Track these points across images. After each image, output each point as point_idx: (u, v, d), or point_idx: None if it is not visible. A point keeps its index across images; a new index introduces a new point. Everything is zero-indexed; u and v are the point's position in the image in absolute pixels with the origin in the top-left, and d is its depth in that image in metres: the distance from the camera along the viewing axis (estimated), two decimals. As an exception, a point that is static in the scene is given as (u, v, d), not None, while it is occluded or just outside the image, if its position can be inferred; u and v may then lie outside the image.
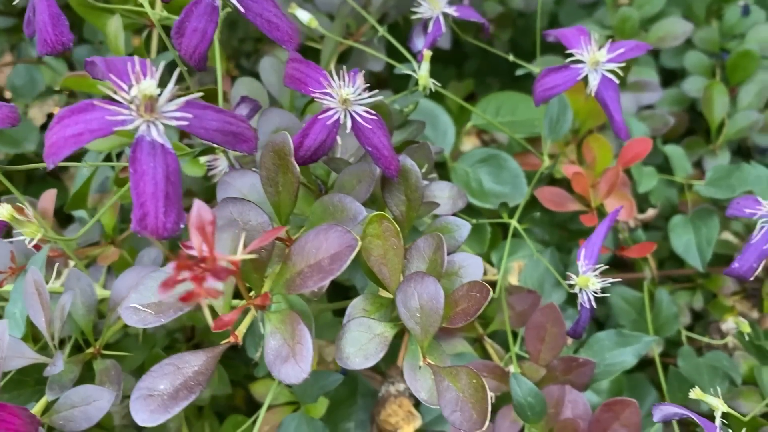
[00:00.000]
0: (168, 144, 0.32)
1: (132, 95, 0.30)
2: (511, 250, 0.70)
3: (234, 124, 0.34)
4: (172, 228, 0.32)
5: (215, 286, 0.26)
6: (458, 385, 0.41)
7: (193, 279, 0.25)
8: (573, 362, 0.58)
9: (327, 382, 0.55)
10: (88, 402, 0.43)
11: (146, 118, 0.31)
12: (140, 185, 0.31)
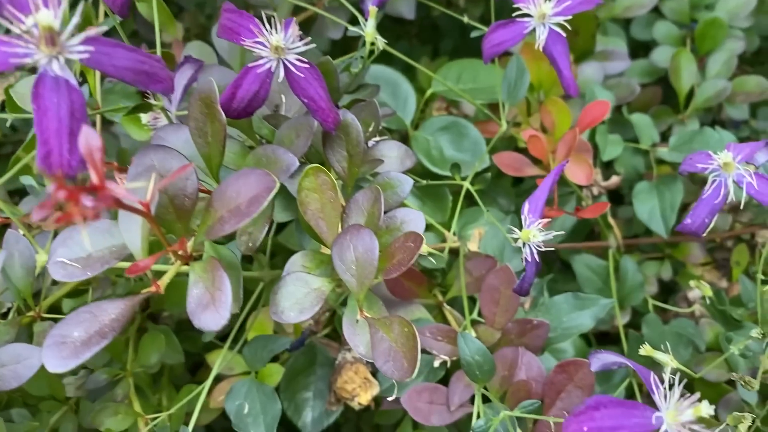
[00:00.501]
0: (72, 80, 0.31)
1: (29, 26, 0.29)
2: (472, 218, 0.69)
3: (147, 63, 0.33)
4: (77, 166, 0.31)
5: (96, 207, 0.25)
6: (391, 335, 0.40)
7: (68, 197, 0.24)
8: (527, 324, 0.57)
9: (276, 345, 0.55)
10: (18, 361, 0.42)
11: (48, 53, 0.30)
12: (43, 122, 0.31)
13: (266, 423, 0.53)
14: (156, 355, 0.54)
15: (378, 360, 0.40)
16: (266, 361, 0.55)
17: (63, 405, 0.61)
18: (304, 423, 0.64)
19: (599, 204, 0.60)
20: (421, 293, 0.63)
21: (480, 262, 0.63)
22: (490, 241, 0.68)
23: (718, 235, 0.80)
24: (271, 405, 0.53)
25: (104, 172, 0.26)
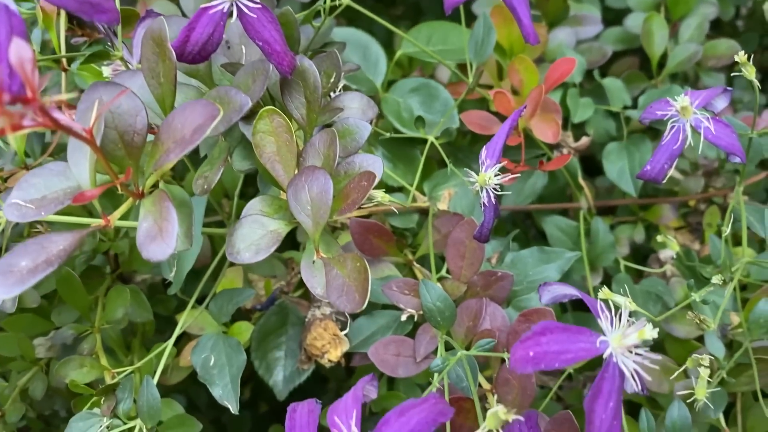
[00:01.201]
0: (12, 5, 0.31)
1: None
2: (442, 180, 0.70)
3: (90, -8, 0.33)
4: (18, 90, 0.31)
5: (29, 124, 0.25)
6: (345, 271, 0.40)
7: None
8: (492, 276, 0.57)
9: (241, 297, 0.55)
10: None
11: (-15, -24, 0.30)
12: (-18, 46, 0.31)
13: (231, 374, 0.53)
14: (122, 309, 0.55)
15: (332, 295, 0.40)
16: (231, 313, 0.55)
17: (33, 366, 0.62)
18: (275, 382, 0.65)
19: (562, 156, 0.61)
20: (390, 251, 0.63)
21: (448, 220, 0.63)
22: (460, 201, 0.68)
23: (691, 197, 0.80)
24: (237, 356, 0.53)
25: (36, 85, 0.26)
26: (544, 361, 0.35)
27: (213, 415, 0.99)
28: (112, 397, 0.52)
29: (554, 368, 0.35)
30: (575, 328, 0.36)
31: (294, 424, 0.43)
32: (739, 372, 0.64)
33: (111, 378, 0.54)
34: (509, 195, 0.73)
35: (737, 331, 0.68)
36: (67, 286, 0.54)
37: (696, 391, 0.55)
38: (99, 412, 0.51)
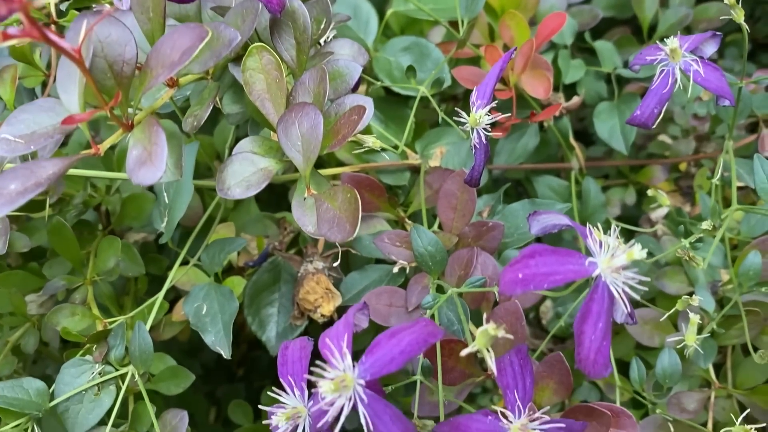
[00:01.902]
0: None
1: None
2: (434, 138, 0.70)
3: None
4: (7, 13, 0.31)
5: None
6: (335, 203, 0.40)
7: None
8: (483, 227, 0.57)
9: (232, 246, 0.55)
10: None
11: None
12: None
13: (224, 321, 0.53)
14: (113, 259, 0.54)
15: (322, 228, 0.40)
16: (222, 262, 0.55)
17: (25, 321, 0.61)
18: (268, 338, 0.65)
19: (553, 106, 0.61)
20: (382, 206, 0.63)
21: (439, 175, 0.63)
22: (452, 159, 0.68)
23: (681, 159, 0.81)
24: (229, 304, 0.54)
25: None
26: (533, 282, 0.35)
27: (207, 390, 0.99)
28: (104, 344, 0.52)
29: (543, 289, 0.35)
30: (564, 250, 0.36)
31: (286, 360, 0.43)
32: (729, 325, 0.64)
33: (102, 327, 0.54)
34: (501, 155, 0.73)
35: (727, 287, 0.69)
36: (59, 236, 0.54)
37: (686, 337, 0.56)
38: (91, 359, 0.51)
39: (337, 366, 0.35)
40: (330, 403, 0.35)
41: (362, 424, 0.36)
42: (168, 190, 0.55)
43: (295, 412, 0.41)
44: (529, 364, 0.41)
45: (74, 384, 0.50)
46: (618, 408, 0.49)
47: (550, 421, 0.39)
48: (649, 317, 0.66)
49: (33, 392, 0.48)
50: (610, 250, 0.36)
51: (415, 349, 0.35)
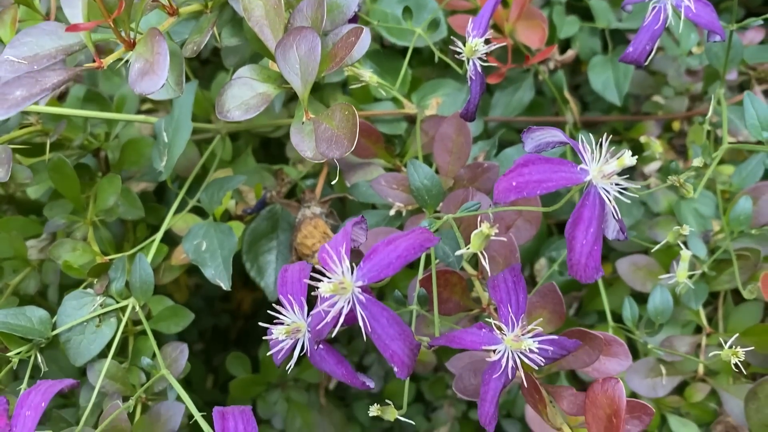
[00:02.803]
0: None
1: None
2: (431, 90, 0.71)
3: None
4: None
5: None
6: (333, 123, 0.41)
7: None
8: (478, 168, 0.58)
9: (230, 184, 0.56)
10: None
11: None
12: None
13: (223, 256, 0.54)
14: (113, 197, 0.55)
15: (321, 146, 0.41)
16: (221, 200, 0.55)
17: (26, 266, 0.62)
18: (266, 284, 0.66)
19: (547, 48, 0.62)
20: (378, 152, 0.64)
21: (435, 122, 0.64)
22: (447, 109, 0.69)
23: (675, 116, 0.82)
24: (228, 240, 0.54)
25: None
26: (526, 189, 0.36)
27: (204, 358, 1.01)
28: (105, 278, 0.52)
29: (535, 195, 0.36)
30: (557, 159, 0.37)
31: (285, 281, 0.44)
32: (720, 270, 0.66)
33: (102, 261, 0.54)
34: (497, 108, 0.74)
35: (719, 237, 0.70)
36: (60, 174, 0.54)
37: (677, 274, 0.57)
38: (92, 291, 0.52)
39: (336, 271, 0.36)
40: (330, 305, 0.36)
41: (361, 326, 0.37)
42: (167, 130, 0.56)
43: (295, 326, 0.42)
44: (522, 282, 0.42)
45: (76, 315, 0.51)
46: (611, 336, 0.50)
47: (543, 336, 0.40)
48: (642, 263, 0.67)
49: (36, 320, 0.49)
50: (601, 158, 0.37)
51: (411, 254, 0.36)
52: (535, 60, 0.62)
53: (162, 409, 0.49)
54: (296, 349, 0.42)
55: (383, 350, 0.37)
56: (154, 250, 0.54)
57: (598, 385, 0.43)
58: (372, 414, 0.43)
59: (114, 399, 0.50)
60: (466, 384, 0.49)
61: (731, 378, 0.68)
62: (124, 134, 0.64)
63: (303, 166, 0.75)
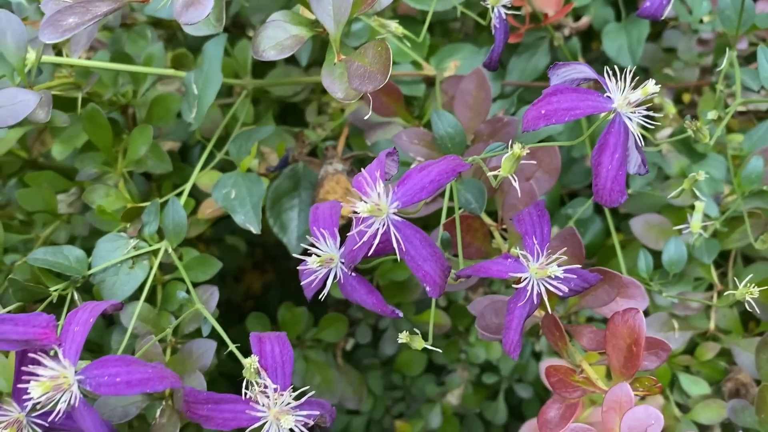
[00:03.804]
0: None
1: None
2: (449, 53, 0.72)
3: None
4: None
5: None
6: (366, 60, 0.43)
7: None
8: (498, 123, 0.60)
9: (258, 134, 0.57)
10: (15, 102, 0.44)
11: None
12: None
13: (252, 202, 0.56)
14: (144, 147, 0.57)
15: (354, 82, 0.43)
16: (249, 149, 0.57)
17: (57, 219, 0.64)
18: (289, 240, 0.67)
19: (564, 8, 0.63)
20: (399, 111, 0.66)
21: (455, 81, 0.66)
22: (465, 72, 0.71)
23: (686, 84, 0.83)
24: (256, 188, 0.56)
25: None
26: (554, 116, 0.38)
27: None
28: (138, 222, 0.54)
29: (563, 122, 0.37)
30: (584, 89, 0.39)
31: (317, 217, 0.46)
32: (732, 228, 0.67)
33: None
34: (513, 72, 0.76)
35: (729, 199, 0.72)
36: (93, 124, 0.56)
37: (691, 225, 0.58)
38: (125, 234, 0.54)
39: (371, 194, 0.38)
40: (366, 226, 0.38)
41: (395, 247, 0.38)
42: (197, 82, 0.57)
43: (328, 257, 0.43)
44: (546, 216, 0.44)
45: (109, 257, 0.52)
46: (628, 278, 0.51)
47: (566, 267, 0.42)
48: (655, 222, 0.69)
49: (73, 259, 0.51)
50: (626, 88, 0.38)
51: (443, 179, 0.38)
52: (553, 19, 0.64)
53: (194, 347, 0.51)
54: (329, 279, 0.44)
55: (416, 271, 0.39)
56: (184, 199, 0.56)
57: (618, 316, 0.45)
58: (401, 341, 0.45)
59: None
60: (488, 322, 0.50)
61: (741, 336, 0.69)
62: (149, 96, 0.66)
63: (322, 129, 0.76)
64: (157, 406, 0.51)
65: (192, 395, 0.39)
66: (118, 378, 0.36)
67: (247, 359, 0.40)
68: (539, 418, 0.47)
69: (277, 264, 1.10)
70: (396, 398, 1.01)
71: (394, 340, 0.86)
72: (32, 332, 0.38)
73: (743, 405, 0.60)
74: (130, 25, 0.72)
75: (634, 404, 0.43)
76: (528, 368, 0.87)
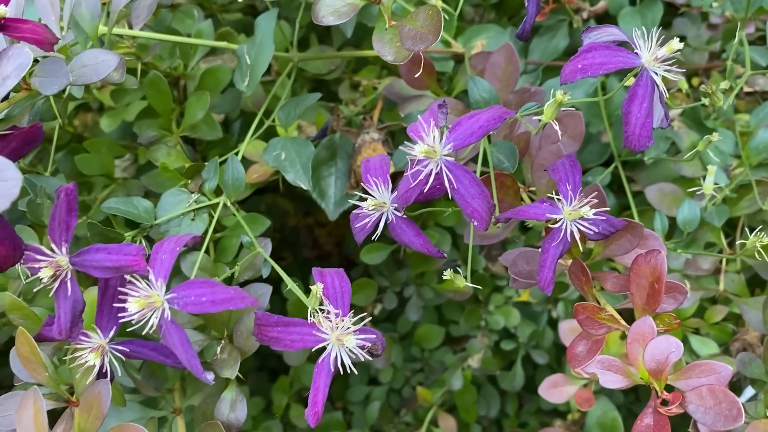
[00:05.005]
0: None
1: None
2: (475, 33, 0.77)
3: None
4: None
5: None
6: (417, 23, 0.48)
7: None
8: (525, 93, 0.65)
9: (306, 101, 0.62)
10: (97, 62, 0.49)
11: None
12: None
13: (302, 162, 0.60)
14: (201, 111, 0.61)
15: (406, 43, 0.47)
16: (297, 117, 0.62)
17: (113, 182, 0.69)
18: (327, 205, 0.72)
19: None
20: (431, 84, 0.70)
21: (483, 57, 0.71)
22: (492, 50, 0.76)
23: (695, 67, 0.88)
24: (304, 150, 0.61)
25: None
26: (590, 70, 0.42)
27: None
28: (198, 178, 0.59)
29: (597, 75, 0.42)
30: (615, 47, 0.43)
31: (369, 168, 0.51)
32: (741, 196, 0.72)
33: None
34: (535, 52, 0.81)
35: (738, 171, 0.77)
36: (155, 89, 0.61)
37: (704, 187, 0.63)
38: (187, 189, 0.58)
39: (426, 138, 0.43)
40: (421, 167, 0.42)
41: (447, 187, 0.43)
42: (249, 53, 0.62)
43: (381, 202, 0.48)
44: (577, 165, 0.48)
45: (172, 210, 0.57)
46: (647, 230, 0.56)
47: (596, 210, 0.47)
48: (668, 190, 0.74)
49: (142, 209, 0.55)
50: (653, 46, 0.43)
51: (492, 124, 0.43)
52: (573, 0, 0.69)
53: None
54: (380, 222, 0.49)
55: (465, 207, 0.44)
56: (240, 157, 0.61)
57: (641, 257, 0.49)
58: (445, 278, 0.50)
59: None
60: (519, 269, 0.55)
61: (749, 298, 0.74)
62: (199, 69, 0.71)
63: (354, 105, 0.81)
64: (215, 345, 0.56)
65: (264, 319, 0.44)
66: (204, 297, 0.41)
67: (313, 286, 0.45)
68: (569, 352, 0.52)
69: (295, 250, 1.15)
70: (415, 369, 1.05)
71: (418, 307, 0.91)
72: (124, 260, 0.43)
73: (751, 357, 0.65)
74: (176, 5, 0.77)
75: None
76: (544, 335, 0.92)
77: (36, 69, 0.46)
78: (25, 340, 0.48)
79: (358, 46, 0.81)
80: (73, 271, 0.44)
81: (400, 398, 1.06)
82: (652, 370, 0.47)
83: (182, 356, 0.42)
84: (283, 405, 0.97)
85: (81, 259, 0.44)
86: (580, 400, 0.72)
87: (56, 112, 0.53)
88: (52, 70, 0.45)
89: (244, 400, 0.53)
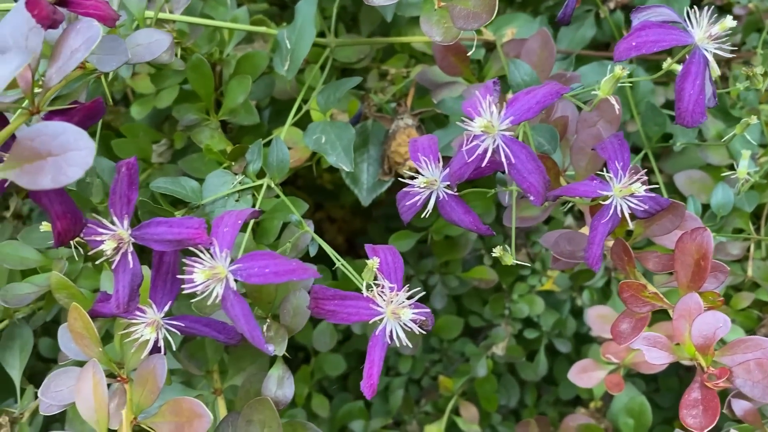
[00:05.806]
0: None
1: None
2: (505, 22, 0.78)
3: None
4: None
5: None
6: (469, 3, 0.48)
7: None
8: (561, 78, 0.65)
9: (346, 85, 0.63)
10: (151, 41, 0.50)
11: None
12: None
13: (342, 145, 0.61)
14: (242, 95, 0.62)
15: (458, 23, 0.48)
16: (334, 103, 0.62)
17: (150, 167, 0.69)
18: (360, 190, 0.73)
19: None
20: (464, 71, 0.71)
21: (515, 44, 0.72)
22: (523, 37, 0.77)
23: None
24: (345, 134, 0.62)
25: None
26: (644, 47, 0.43)
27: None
28: (242, 160, 0.60)
29: (651, 51, 0.43)
30: (668, 25, 0.44)
31: (417, 148, 0.52)
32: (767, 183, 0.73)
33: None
34: (562, 41, 0.82)
35: (764, 160, 0.78)
36: (197, 73, 0.61)
37: (738, 171, 0.64)
38: (231, 171, 0.59)
39: (484, 115, 0.43)
40: (478, 142, 0.43)
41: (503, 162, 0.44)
42: (290, 38, 0.63)
43: (432, 180, 0.49)
44: (626, 144, 0.49)
45: (217, 191, 0.58)
46: (688, 212, 0.57)
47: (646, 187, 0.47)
48: (697, 177, 0.75)
49: (189, 189, 0.56)
50: (705, 25, 0.44)
51: (548, 100, 0.44)
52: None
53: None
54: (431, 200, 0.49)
55: (521, 182, 0.45)
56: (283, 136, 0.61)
57: (687, 235, 0.50)
58: (495, 255, 0.51)
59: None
60: (562, 249, 0.56)
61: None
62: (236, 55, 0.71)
63: (383, 94, 0.82)
64: (261, 324, 0.56)
65: (321, 292, 0.45)
66: (267, 269, 0.42)
67: (369, 261, 0.45)
68: (613, 330, 0.53)
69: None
70: (434, 360, 1.06)
71: (443, 296, 0.91)
72: (186, 233, 0.43)
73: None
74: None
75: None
76: (567, 324, 0.93)
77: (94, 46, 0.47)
78: (78, 315, 0.49)
79: (386, 36, 0.81)
80: (133, 244, 0.45)
81: (419, 388, 1.07)
82: (699, 345, 0.48)
83: (244, 327, 0.43)
84: (305, 395, 0.97)
85: (142, 232, 0.44)
86: (611, 384, 0.73)
87: (106, 90, 0.53)
88: (112, 47, 0.46)
89: (291, 377, 0.53)
